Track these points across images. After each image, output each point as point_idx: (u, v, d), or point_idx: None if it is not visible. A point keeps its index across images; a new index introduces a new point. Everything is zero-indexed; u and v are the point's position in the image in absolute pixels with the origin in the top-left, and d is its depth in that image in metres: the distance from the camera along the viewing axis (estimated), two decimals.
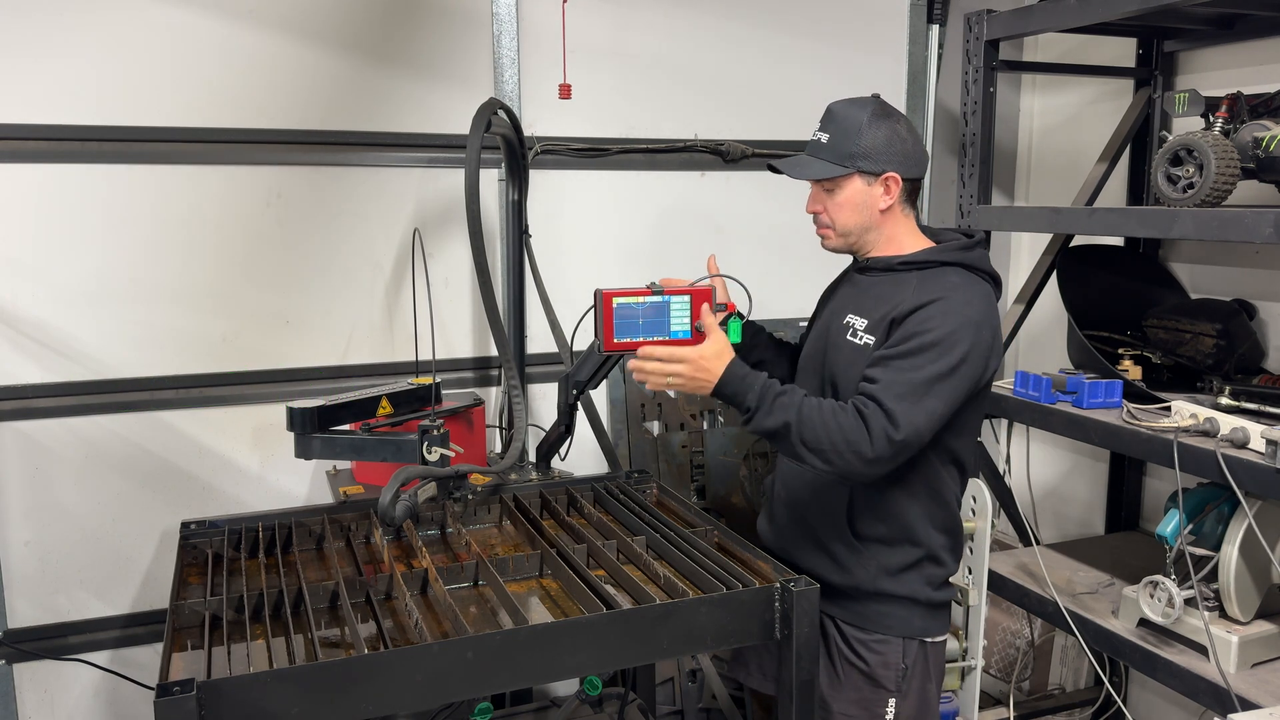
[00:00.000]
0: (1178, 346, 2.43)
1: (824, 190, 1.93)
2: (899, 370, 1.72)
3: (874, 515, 1.89)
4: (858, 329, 1.89)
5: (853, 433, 1.68)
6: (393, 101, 2.59)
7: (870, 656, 1.91)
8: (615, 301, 1.93)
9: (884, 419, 1.68)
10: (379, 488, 2.01)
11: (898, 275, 1.92)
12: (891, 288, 1.90)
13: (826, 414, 1.70)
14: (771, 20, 2.94)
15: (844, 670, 1.94)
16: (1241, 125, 2.11)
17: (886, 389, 1.70)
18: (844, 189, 1.91)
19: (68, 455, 2.42)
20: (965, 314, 1.76)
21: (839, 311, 1.97)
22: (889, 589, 1.89)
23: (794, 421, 1.71)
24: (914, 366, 1.72)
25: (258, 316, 2.55)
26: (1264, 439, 1.88)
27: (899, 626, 1.91)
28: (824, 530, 1.94)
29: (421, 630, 1.57)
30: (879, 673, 1.92)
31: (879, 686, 1.92)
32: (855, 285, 1.99)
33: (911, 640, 1.91)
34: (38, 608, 2.45)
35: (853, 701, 1.94)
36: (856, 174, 1.89)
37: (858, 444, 1.67)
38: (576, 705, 2.43)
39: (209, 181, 2.46)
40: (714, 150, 2.93)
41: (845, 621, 1.94)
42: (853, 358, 1.86)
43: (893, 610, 1.91)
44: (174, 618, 1.65)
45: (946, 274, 1.86)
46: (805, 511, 1.97)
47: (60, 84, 2.31)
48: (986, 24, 2.57)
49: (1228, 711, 1.86)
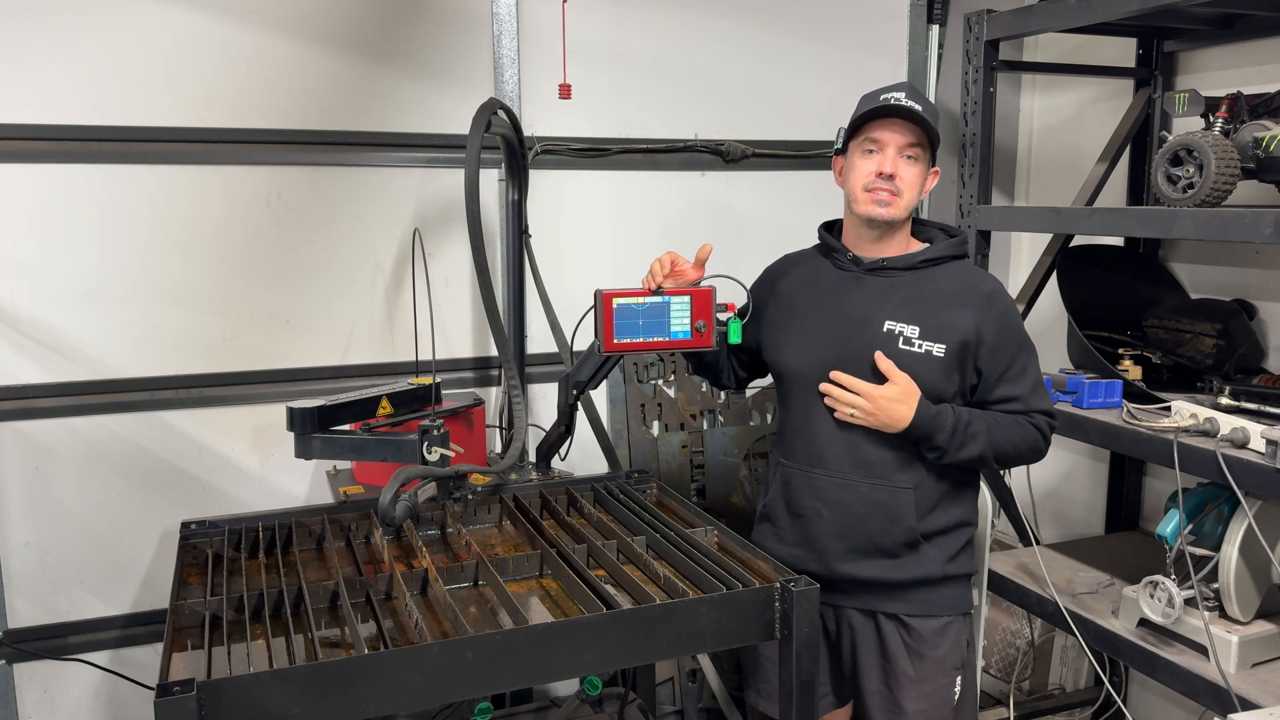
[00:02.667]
0: (1178, 346, 2.43)
1: (908, 155, 1.88)
2: (1024, 380, 1.94)
3: (938, 512, 1.95)
4: (910, 336, 1.90)
5: (1033, 440, 1.93)
6: (393, 101, 2.59)
7: (942, 641, 1.96)
8: (615, 302, 1.93)
9: (1046, 419, 1.95)
10: (379, 488, 2.01)
11: (920, 273, 1.94)
12: (919, 287, 1.93)
13: (1010, 432, 1.91)
14: (771, 20, 2.94)
15: (916, 665, 1.95)
16: (1241, 125, 2.11)
17: (1031, 397, 1.94)
18: (922, 162, 1.91)
19: (68, 455, 2.42)
20: (1011, 299, 1.99)
21: (868, 317, 1.92)
22: (953, 571, 1.97)
23: (988, 452, 1.89)
24: (1025, 369, 1.95)
25: (258, 316, 2.55)
26: (1264, 439, 1.88)
27: (962, 604, 2.00)
28: (887, 538, 1.93)
29: (421, 630, 1.57)
30: (950, 655, 1.97)
31: (949, 669, 1.97)
32: (869, 286, 1.95)
33: (967, 615, 2.02)
34: (38, 608, 2.45)
35: (927, 694, 1.96)
36: (932, 153, 1.93)
37: (1037, 447, 1.95)
38: (576, 705, 2.43)
39: (209, 181, 2.46)
40: (714, 150, 2.93)
41: (913, 615, 1.95)
42: (917, 367, 1.89)
43: (955, 590, 1.99)
44: (174, 618, 1.65)
45: (963, 266, 1.99)
46: (864, 525, 1.93)
47: (60, 84, 2.31)
48: (986, 24, 2.57)
49: (1228, 711, 1.86)
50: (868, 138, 1.88)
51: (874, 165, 1.87)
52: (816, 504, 1.96)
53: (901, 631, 1.95)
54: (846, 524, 1.93)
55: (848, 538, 1.94)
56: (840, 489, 1.93)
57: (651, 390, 2.90)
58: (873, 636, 1.98)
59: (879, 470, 1.91)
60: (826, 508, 1.95)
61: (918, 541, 1.92)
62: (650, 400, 2.90)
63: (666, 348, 1.98)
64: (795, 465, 2.00)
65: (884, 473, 1.91)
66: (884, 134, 1.87)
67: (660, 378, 2.92)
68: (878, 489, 1.91)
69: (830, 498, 1.94)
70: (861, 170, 1.89)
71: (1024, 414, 1.92)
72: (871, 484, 1.91)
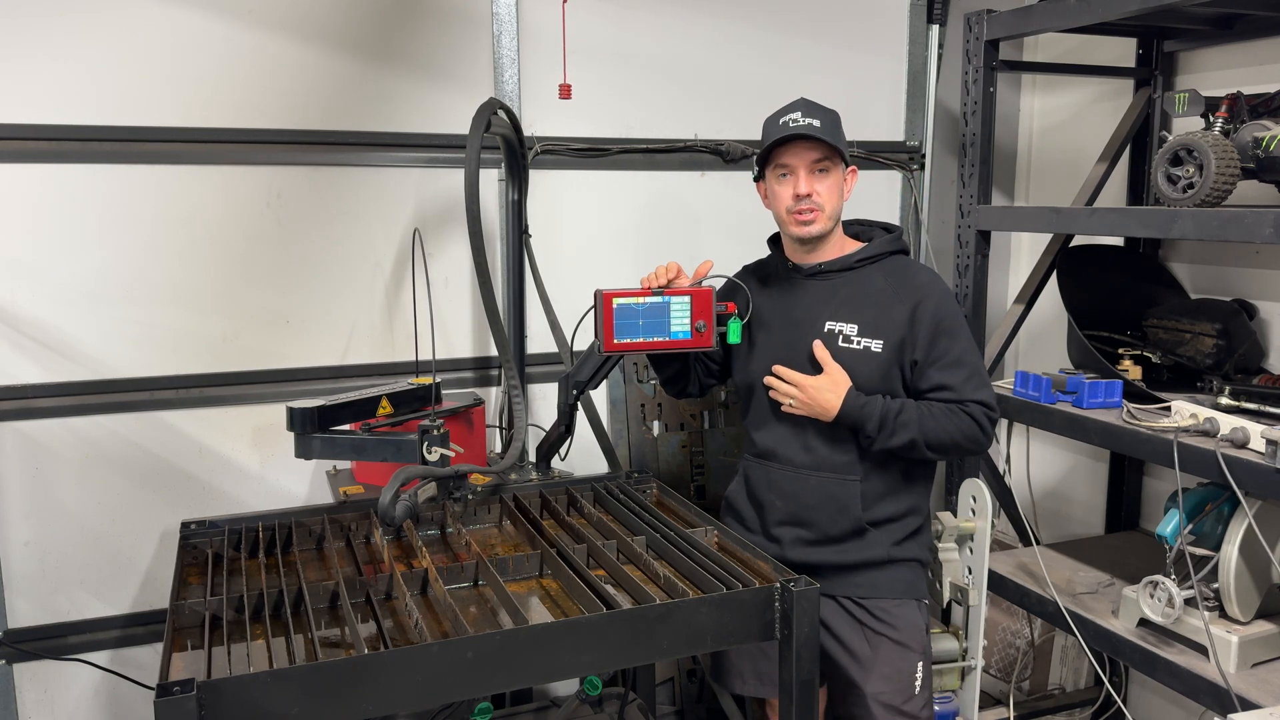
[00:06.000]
0: (1178, 346, 2.43)
1: (817, 171, 1.97)
2: (957, 370, 1.96)
3: (885, 502, 2.02)
4: (849, 334, 1.99)
5: (969, 429, 1.95)
6: (393, 101, 2.59)
7: (899, 621, 2.02)
8: (615, 302, 1.94)
9: (982, 409, 1.96)
10: (379, 488, 2.01)
11: (857, 273, 2.03)
12: (856, 286, 2.02)
13: (942, 420, 1.93)
14: (772, 20, 2.94)
15: (875, 643, 2.01)
16: (1241, 125, 2.11)
17: (965, 386, 1.95)
18: (834, 171, 2.00)
19: (68, 455, 2.42)
20: (947, 290, 2.03)
21: (810, 319, 2.03)
22: (899, 555, 2.03)
23: (918, 437, 1.93)
24: (962, 360, 1.96)
25: (258, 316, 2.55)
26: (1264, 439, 1.88)
27: (912, 589, 2.05)
28: (836, 528, 2.02)
29: (421, 630, 1.57)
30: (909, 637, 2.02)
31: (909, 650, 2.02)
32: (810, 291, 2.05)
33: (921, 601, 2.06)
34: (38, 608, 2.44)
35: (886, 676, 2.01)
36: (843, 158, 1.99)
37: (975, 437, 1.96)
38: (576, 705, 2.43)
39: (209, 181, 2.46)
40: (714, 150, 2.93)
41: (865, 596, 2.03)
42: (856, 363, 1.97)
43: (904, 575, 2.04)
44: (174, 618, 1.65)
45: (899, 262, 2.05)
46: (814, 515, 2.03)
47: (60, 84, 2.31)
48: (986, 24, 2.57)
49: (1228, 711, 1.86)
50: (778, 164, 2.00)
51: (790, 189, 1.98)
52: (771, 495, 2.08)
53: (857, 612, 2.03)
54: (797, 514, 2.04)
55: (799, 526, 2.05)
56: (791, 481, 2.04)
57: (651, 390, 2.90)
58: (830, 619, 2.04)
59: (828, 464, 2.02)
60: (780, 499, 2.06)
61: (864, 529, 2.01)
62: (650, 400, 2.90)
63: (666, 348, 1.99)
64: (755, 459, 2.12)
65: (833, 466, 2.01)
66: (791, 158, 1.97)
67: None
68: (826, 481, 2.01)
69: (783, 489, 2.06)
70: (781, 196, 2.01)
71: (958, 403, 1.95)
72: (820, 476, 2.02)
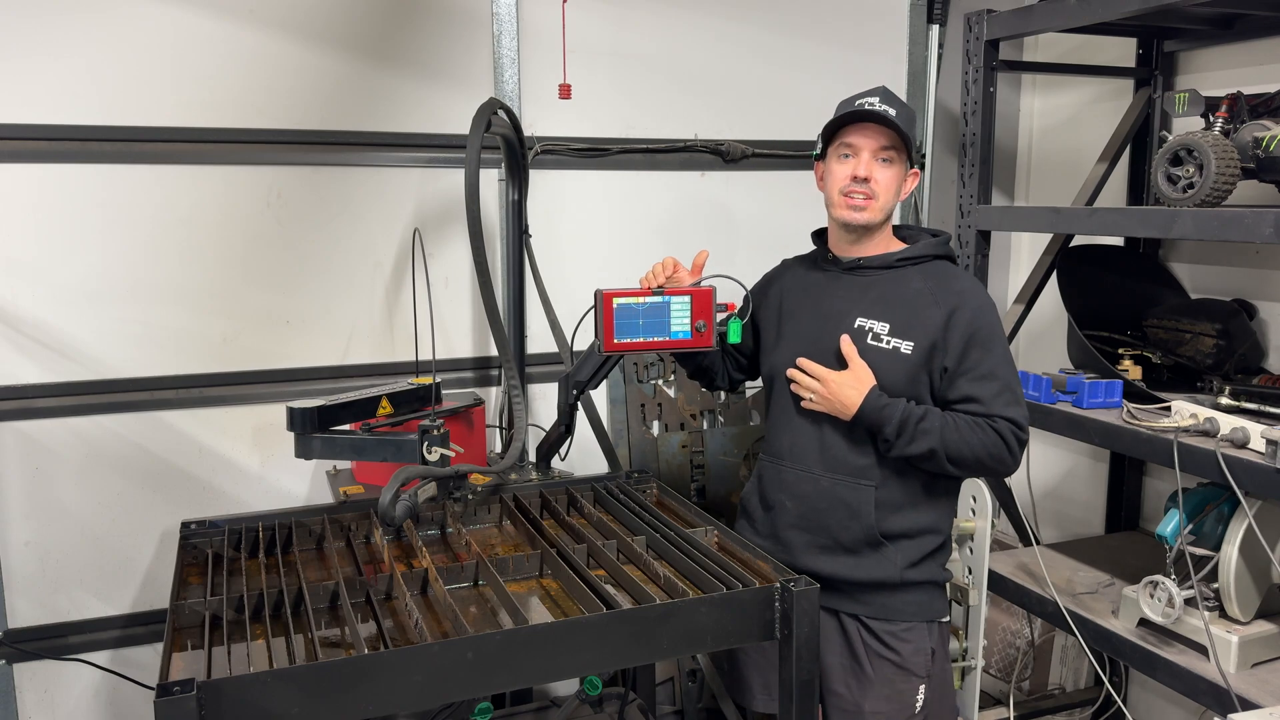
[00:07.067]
0: (1178, 346, 2.43)
1: (882, 159, 1.91)
2: (989, 383, 1.86)
3: (902, 514, 1.94)
4: (879, 333, 1.92)
5: (994, 447, 1.84)
6: (393, 101, 2.59)
7: (902, 646, 1.95)
8: (615, 302, 1.93)
9: (1011, 427, 1.85)
10: (379, 488, 2.01)
11: (897, 272, 1.96)
12: (893, 285, 1.95)
13: (966, 433, 1.84)
14: (771, 20, 2.94)
15: (874, 665, 1.96)
16: (1241, 125, 2.11)
17: (995, 401, 1.86)
18: (898, 164, 1.93)
19: (68, 455, 2.42)
20: (988, 300, 1.93)
21: (840, 314, 1.97)
22: (913, 578, 1.95)
23: (939, 447, 1.84)
24: (994, 373, 1.87)
25: (258, 316, 2.55)
26: (1264, 439, 1.88)
27: (925, 611, 1.97)
28: (847, 535, 1.95)
29: (421, 630, 1.57)
30: (911, 661, 1.95)
31: (911, 675, 1.96)
32: (845, 285, 1.99)
33: (934, 623, 1.98)
34: (38, 608, 2.45)
35: (884, 697, 1.96)
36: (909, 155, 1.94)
37: (1001, 456, 1.85)
38: (576, 705, 2.43)
39: (209, 181, 2.46)
40: (714, 150, 2.93)
41: (872, 617, 1.96)
42: (883, 363, 1.90)
43: (917, 597, 1.96)
44: (174, 618, 1.65)
45: (942, 267, 1.97)
46: (825, 520, 1.96)
47: (60, 84, 2.31)
48: (986, 24, 2.57)
49: (1228, 711, 1.86)
50: (843, 143, 1.93)
51: (849, 169, 1.91)
52: (782, 496, 2.01)
53: (862, 632, 1.97)
54: (808, 517, 1.97)
55: (810, 531, 1.98)
56: (804, 482, 1.98)
57: (651, 390, 2.90)
58: (835, 635, 1.99)
59: (842, 466, 1.94)
60: (791, 500, 2.00)
61: (879, 542, 1.93)
62: (650, 400, 2.90)
63: (666, 348, 1.99)
64: (769, 459, 2.06)
65: (847, 468, 1.94)
66: (858, 139, 1.91)
67: (660, 378, 2.92)
68: (839, 484, 1.94)
69: (795, 490, 1.99)
70: (838, 175, 1.93)
71: (986, 417, 1.85)
72: (833, 478, 1.95)
